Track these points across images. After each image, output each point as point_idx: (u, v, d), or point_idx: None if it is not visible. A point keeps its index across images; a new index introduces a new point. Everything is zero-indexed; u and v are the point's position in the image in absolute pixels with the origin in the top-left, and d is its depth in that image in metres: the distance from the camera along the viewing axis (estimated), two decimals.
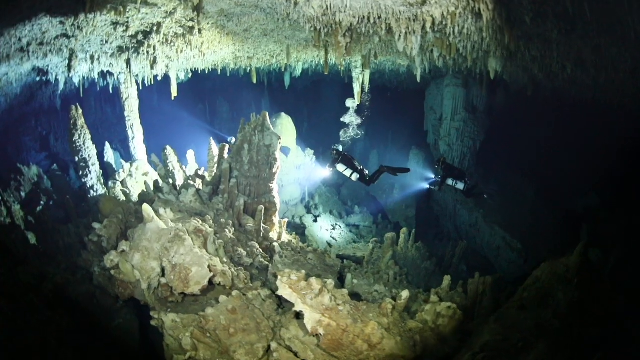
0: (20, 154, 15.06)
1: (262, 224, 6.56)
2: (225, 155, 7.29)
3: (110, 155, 11.72)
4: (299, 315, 4.73)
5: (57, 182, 12.53)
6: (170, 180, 7.48)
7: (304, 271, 4.64)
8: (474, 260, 11.12)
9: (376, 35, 6.86)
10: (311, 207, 13.09)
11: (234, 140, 14.90)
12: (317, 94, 19.70)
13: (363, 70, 10.24)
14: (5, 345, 5.13)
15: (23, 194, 12.12)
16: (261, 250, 6.33)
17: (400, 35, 6.36)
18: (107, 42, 7.96)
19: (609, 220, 9.43)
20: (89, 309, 6.46)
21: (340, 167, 9.02)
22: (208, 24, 6.91)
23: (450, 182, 9.78)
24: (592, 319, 3.82)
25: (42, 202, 11.55)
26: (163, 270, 5.06)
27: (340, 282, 6.57)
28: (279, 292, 4.50)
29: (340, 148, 9.38)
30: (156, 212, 5.31)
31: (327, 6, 5.71)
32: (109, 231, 5.71)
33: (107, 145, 11.82)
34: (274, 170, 7.04)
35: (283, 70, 11.57)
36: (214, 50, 8.51)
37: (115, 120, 16.62)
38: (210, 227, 5.40)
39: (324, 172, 10.95)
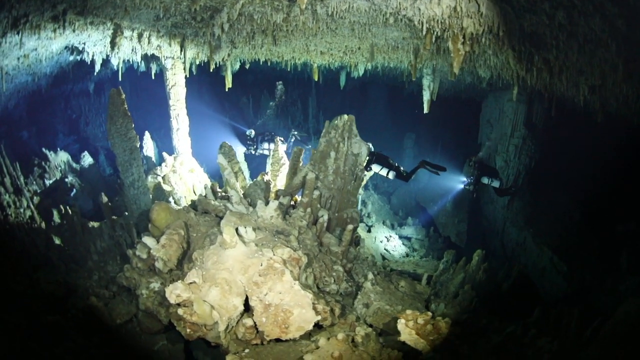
0: (46, 136, 14.01)
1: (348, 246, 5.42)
2: (301, 161, 6.14)
3: (149, 146, 10.54)
4: (406, 356, 4.11)
5: (88, 171, 11.46)
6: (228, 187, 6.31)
7: (429, 312, 3.96)
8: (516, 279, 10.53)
9: (492, 47, 5.94)
10: (364, 216, 12.16)
11: (253, 133, 14.01)
12: (364, 96, 18.70)
13: (434, 78, 9.29)
14: None
15: (48, 182, 11.04)
16: (346, 275, 5.21)
17: (521, 54, 5.55)
18: (162, 17, 6.82)
19: None
20: (128, 332, 5.39)
21: (376, 167, 8.43)
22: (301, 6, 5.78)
23: (485, 180, 9.33)
24: None
25: (69, 194, 10.47)
26: (246, 306, 3.92)
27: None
28: (402, 338, 3.85)
29: (372, 148, 8.88)
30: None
31: (460, 8, 4.70)
32: (169, 252, 4.49)
33: (147, 135, 10.64)
34: (360, 182, 5.90)
35: (349, 69, 10.44)
36: (289, 40, 7.36)
37: (152, 107, 15.55)
38: (303, 253, 4.23)
39: None
